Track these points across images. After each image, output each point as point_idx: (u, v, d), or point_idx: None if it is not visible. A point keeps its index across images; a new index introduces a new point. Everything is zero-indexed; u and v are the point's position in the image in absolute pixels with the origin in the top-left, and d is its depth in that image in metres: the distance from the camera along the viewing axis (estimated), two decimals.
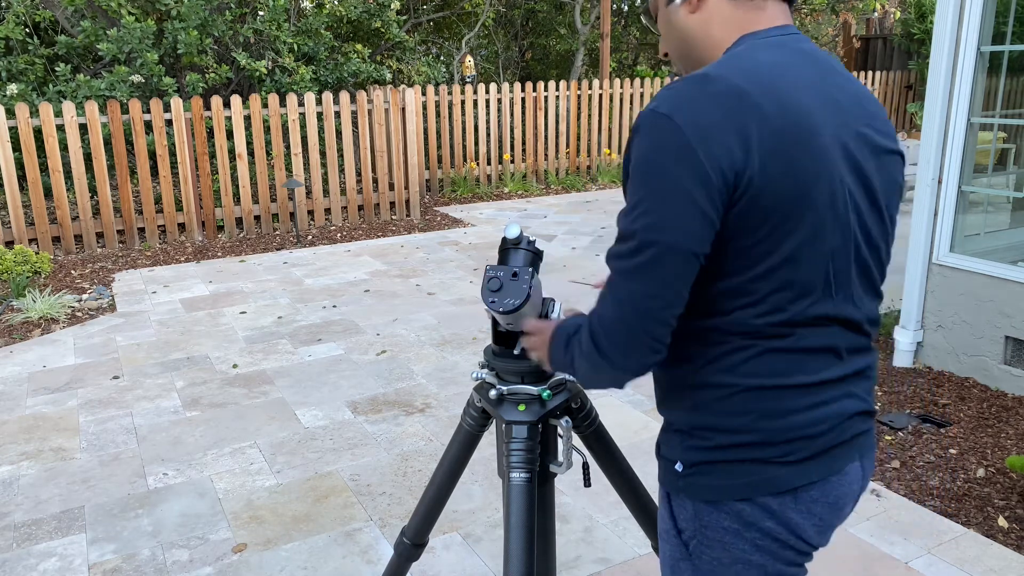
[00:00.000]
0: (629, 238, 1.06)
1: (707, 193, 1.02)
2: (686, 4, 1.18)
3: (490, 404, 1.56)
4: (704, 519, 1.18)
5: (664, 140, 1.03)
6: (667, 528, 1.25)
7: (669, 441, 1.22)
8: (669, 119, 1.03)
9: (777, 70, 1.08)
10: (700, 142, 1.01)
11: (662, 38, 1.26)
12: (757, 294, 1.09)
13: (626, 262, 1.07)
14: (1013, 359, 3.66)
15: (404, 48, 10.13)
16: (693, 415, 1.17)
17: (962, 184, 3.75)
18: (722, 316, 1.11)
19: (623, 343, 1.09)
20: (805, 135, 1.05)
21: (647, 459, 3.14)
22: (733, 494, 1.15)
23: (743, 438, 1.14)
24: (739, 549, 1.17)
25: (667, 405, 1.23)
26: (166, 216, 6.94)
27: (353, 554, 2.58)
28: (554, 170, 9.66)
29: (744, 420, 1.13)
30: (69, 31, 8.38)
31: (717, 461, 1.16)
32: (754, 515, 1.15)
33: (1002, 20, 3.59)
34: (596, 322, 1.12)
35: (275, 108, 7.04)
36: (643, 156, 1.05)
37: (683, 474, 1.19)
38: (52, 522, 2.78)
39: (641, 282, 1.06)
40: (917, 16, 12.01)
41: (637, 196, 1.06)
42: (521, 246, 1.47)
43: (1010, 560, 2.47)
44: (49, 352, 4.42)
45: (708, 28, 1.17)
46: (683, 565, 1.23)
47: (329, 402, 3.73)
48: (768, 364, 1.12)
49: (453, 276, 5.83)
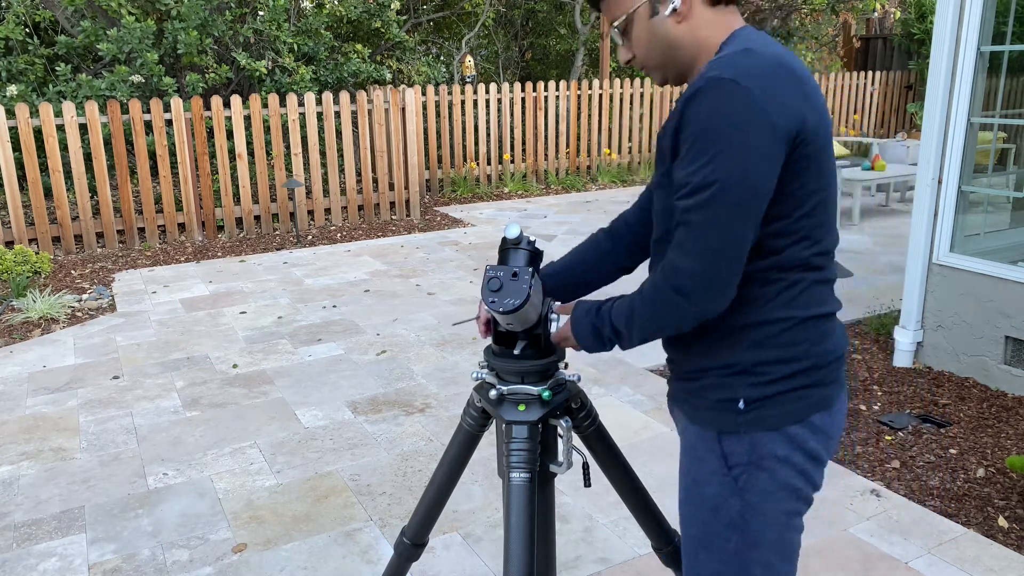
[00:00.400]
0: (707, 186, 1.18)
1: (774, 142, 1.18)
2: (673, 15, 1.30)
3: (490, 404, 1.56)
4: (760, 450, 1.31)
5: (734, 99, 1.17)
6: (713, 469, 1.34)
7: (725, 384, 1.33)
8: (736, 83, 1.17)
9: (784, 50, 1.29)
10: (766, 99, 1.18)
11: (635, 47, 1.36)
12: (803, 231, 1.27)
13: (707, 210, 1.19)
14: (1013, 359, 3.66)
15: (404, 48, 10.13)
16: (756, 352, 1.31)
17: (962, 184, 3.75)
18: (776, 255, 1.27)
19: (713, 285, 1.21)
20: (820, 95, 1.27)
21: (647, 459, 3.14)
22: (791, 418, 1.31)
23: (799, 365, 1.31)
24: (784, 475, 1.32)
25: (720, 351, 1.33)
26: (166, 216, 6.94)
27: (353, 554, 2.58)
28: (554, 170, 9.66)
29: (801, 348, 1.31)
30: (69, 31, 8.38)
31: (778, 393, 1.31)
32: (802, 436, 1.32)
33: (1002, 20, 3.59)
34: (681, 271, 1.22)
35: (275, 108, 7.04)
36: (713, 114, 1.18)
37: (745, 410, 1.31)
38: (52, 522, 2.78)
39: (724, 225, 1.19)
40: (917, 16, 12.01)
41: (711, 151, 1.17)
42: (521, 246, 1.47)
43: (1010, 560, 2.47)
44: (49, 352, 4.42)
45: (696, 34, 1.31)
46: (732, 501, 1.33)
47: (329, 402, 3.73)
48: (814, 295, 1.31)
49: (453, 276, 5.83)
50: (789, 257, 1.27)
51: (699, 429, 1.37)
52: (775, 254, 1.27)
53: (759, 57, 1.21)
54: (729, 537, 1.35)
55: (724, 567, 1.36)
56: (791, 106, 1.20)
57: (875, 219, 7.71)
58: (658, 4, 1.30)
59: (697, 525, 1.38)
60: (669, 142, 1.26)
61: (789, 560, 1.37)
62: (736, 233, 1.19)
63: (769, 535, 1.34)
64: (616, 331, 1.36)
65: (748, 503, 1.33)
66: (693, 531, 1.39)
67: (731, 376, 1.32)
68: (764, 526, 1.33)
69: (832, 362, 1.34)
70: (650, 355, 4.23)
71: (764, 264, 1.28)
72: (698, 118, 1.19)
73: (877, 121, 12.13)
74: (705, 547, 1.37)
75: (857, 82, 11.68)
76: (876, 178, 7.39)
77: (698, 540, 1.38)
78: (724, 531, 1.35)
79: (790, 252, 1.27)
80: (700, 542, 1.38)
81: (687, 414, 1.40)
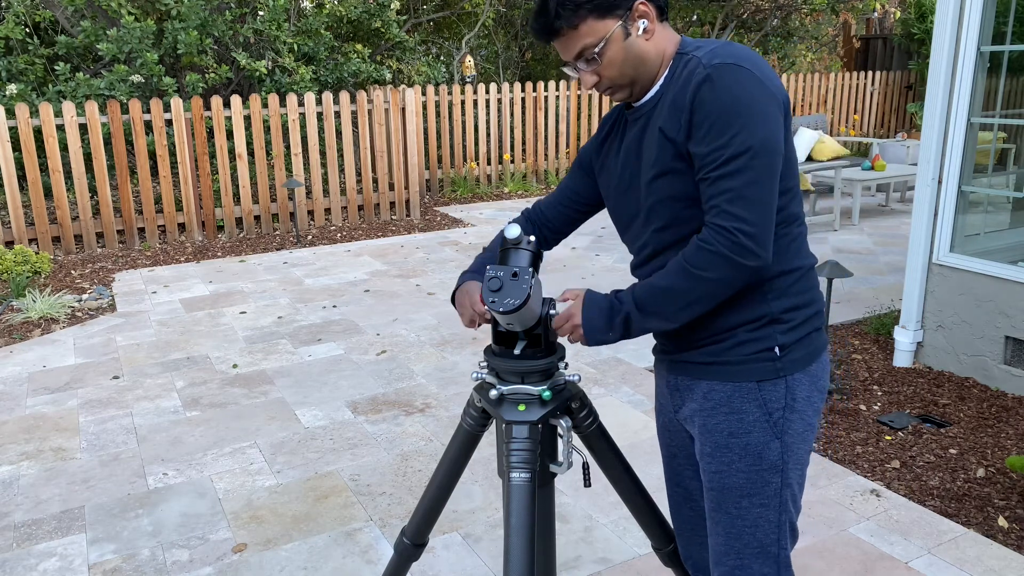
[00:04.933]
0: (743, 153, 1.32)
1: (778, 111, 1.37)
2: (644, 34, 1.45)
3: (490, 404, 1.56)
4: (794, 392, 1.47)
5: (745, 77, 1.34)
6: (755, 419, 1.47)
7: (758, 336, 1.46)
8: (739, 66, 1.35)
9: None
10: (765, 78, 1.37)
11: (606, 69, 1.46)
12: (792, 190, 1.45)
13: (749, 172, 1.33)
14: (1013, 359, 3.66)
15: (404, 48, 10.13)
16: (782, 301, 1.46)
17: (962, 184, 3.75)
18: (781, 211, 1.44)
19: (767, 235, 1.34)
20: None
21: (647, 459, 3.14)
22: (813, 358, 1.49)
23: (812, 310, 1.49)
24: (809, 414, 1.49)
25: (746, 305, 1.46)
26: (166, 216, 6.94)
27: (353, 554, 2.58)
28: (554, 170, 9.66)
29: (811, 294, 1.50)
30: (69, 31, 8.38)
31: (802, 336, 1.48)
32: (817, 372, 1.50)
33: (1002, 20, 3.59)
34: (738, 230, 1.33)
35: (275, 108, 7.03)
36: (733, 92, 1.33)
37: (781, 356, 1.46)
38: (52, 522, 2.78)
39: (763, 182, 1.33)
40: (917, 16, 12.01)
41: (737, 123, 1.33)
42: (521, 246, 1.47)
43: (1010, 560, 2.47)
44: (49, 352, 4.42)
45: (659, 47, 1.46)
46: (773, 445, 1.47)
47: (329, 402, 3.73)
48: (805, 246, 1.50)
49: (453, 276, 5.82)
50: (788, 213, 1.45)
51: (733, 385, 1.47)
52: (781, 210, 1.44)
53: (735, 47, 1.40)
54: (770, 480, 1.48)
55: (766, 509, 1.50)
56: (778, 83, 1.41)
57: (875, 219, 7.71)
58: (629, 26, 1.43)
59: (738, 474, 1.49)
60: (679, 126, 1.38)
61: (802, 492, 1.57)
62: (773, 189, 1.34)
63: (798, 472, 1.51)
64: (634, 312, 1.43)
65: (787, 444, 1.47)
66: (733, 481, 1.49)
67: (764, 327, 1.46)
68: (796, 464, 1.50)
69: (822, 308, 1.54)
70: (650, 355, 4.23)
71: (776, 219, 1.42)
72: (716, 99, 1.33)
73: (877, 121, 12.13)
74: (748, 494, 1.50)
75: (857, 82, 11.68)
76: (876, 178, 7.39)
77: (739, 488, 1.50)
78: (766, 474, 1.48)
79: (788, 208, 1.45)
80: (742, 490, 1.49)
81: (716, 375, 1.49)
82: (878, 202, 8.57)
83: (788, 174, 1.44)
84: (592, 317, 1.46)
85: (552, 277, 5.76)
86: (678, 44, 1.48)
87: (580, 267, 6.04)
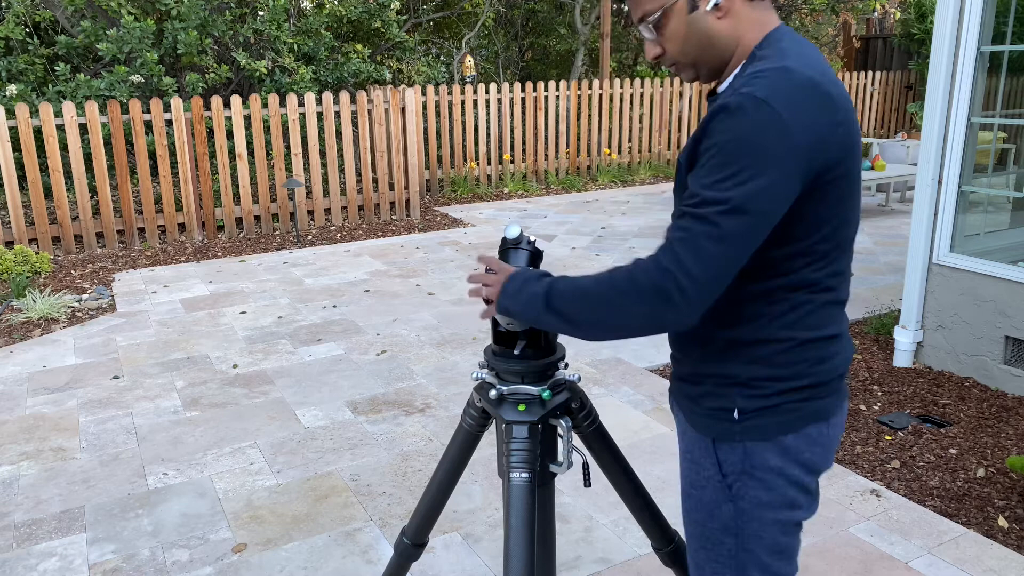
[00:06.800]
0: (719, 203, 1.15)
1: (795, 170, 1.16)
2: (714, 10, 1.26)
3: (490, 404, 1.56)
4: (753, 459, 1.32)
5: (763, 120, 1.15)
6: (709, 475, 1.36)
7: (721, 394, 1.33)
8: (767, 103, 1.15)
9: (820, 61, 1.25)
10: (796, 127, 1.16)
11: (668, 43, 1.31)
12: (818, 253, 1.25)
13: (720, 225, 1.16)
14: (1013, 359, 3.66)
15: (404, 48, 10.13)
16: (753, 368, 1.30)
17: (962, 184, 3.75)
18: (787, 276, 1.26)
19: (702, 295, 1.18)
20: (852, 116, 1.24)
21: (647, 459, 3.14)
22: (785, 429, 1.31)
23: (798, 383, 1.30)
24: (778, 485, 1.33)
25: (717, 361, 1.33)
26: (166, 216, 6.94)
27: (353, 554, 2.58)
28: (554, 170, 9.65)
29: (798, 368, 1.30)
30: (69, 31, 8.38)
31: (773, 405, 1.31)
32: (797, 447, 1.31)
33: (1002, 20, 3.59)
34: (674, 274, 1.18)
35: (275, 108, 7.03)
36: (740, 133, 1.16)
37: (740, 420, 1.31)
38: (52, 522, 2.78)
39: (727, 243, 1.16)
40: (917, 16, 12.01)
41: (728, 169, 1.15)
42: (521, 246, 1.47)
43: (1010, 560, 2.47)
44: (49, 352, 4.42)
45: (736, 31, 1.27)
46: (725, 507, 1.35)
47: (329, 402, 3.73)
48: (820, 316, 1.30)
49: (453, 276, 5.83)
50: (799, 278, 1.26)
51: (696, 434, 1.38)
52: (786, 275, 1.26)
53: (795, 77, 1.18)
54: (723, 540, 1.37)
55: (722, 567, 1.39)
56: (820, 135, 1.18)
57: (875, 219, 7.71)
58: None
59: (695, 525, 1.40)
60: (688, 152, 1.24)
61: (787, 560, 1.38)
62: (736, 251, 1.16)
63: (765, 539, 1.35)
64: (542, 297, 1.30)
65: (741, 509, 1.34)
66: (692, 530, 1.42)
67: (727, 386, 1.32)
68: (759, 531, 1.35)
69: (832, 380, 1.33)
70: (650, 355, 4.23)
71: (773, 283, 1.26)
72: (724, 133, 1.17)
73: (877, 121, 12.13)
74: (703, 547, 1.40)
75: (857, 82, 11.68)
76: (876, 178, 7.39)
77: (697, 540, 1.41)
78: (719, 534, 1.37)
79: (802, 273, 1.26)
80: (699, 541, 1.41)
81: (686, 417, 1.41)
82: (878, 202, 8.57)
83: (810, 234, 1.23)
84: (513, 281, 1.36)
85: None
86: (765, 35, 1.27)
87: (580, 267, 6.04)
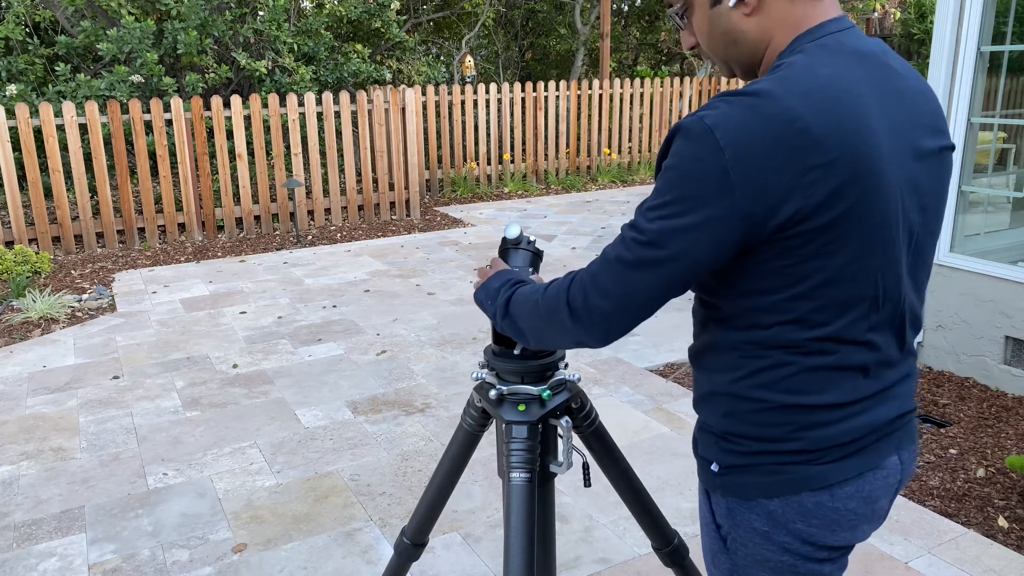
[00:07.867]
0: (642, 233, 1.05)
1: (731, 217, 1.00)
2: (739, 7, 1.11)
3: (490, 404, 1.56)
4: (737, 518, 1.19)
5: (701, 154, 0.99)
6: (707, 521, 1.26)
7: (705, 441, 1.22)
8: (711, 134, 0.99)
9: (836, 88, 1.03)
10: (736, 165, 0.98)
11: (698, 35, 1.20)
12: (796, 312, 1.07)
13: (632, 255, 1.05)
14: (1013, 359, 3.66)
15: (404, 48, 10.14)
16: (728, 421, 1.17)
17: (962, 184, 3.75)
18: (760, 330, 1.10)
19: (606, 324, 1.09)
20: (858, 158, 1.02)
21: (647, 459, 3.14)
22: (768, 492, 1.15)
23: (780, 446, 1.13)
24: (769, 551, 1.18)
25: (703, 406, 1.22)
26: (166, 216, 6.94)
27: (353, 554, 2.58)
28: (554, 170, 9.66)
29: (781, 431, 1.13)
30: (69, 31, 8.38)
31: (752, 464, 1.15)
32: (786, 515, 1.15)
33: (1002, 20, 3.59)
34: (582, 295, 1.11)
35: (275, 108, 7.03)
36: (678, 162, 1.02)
37: (719, 473, 1.19)
38: (52, 522, 2.78)
39: (641, 277, 1.05)
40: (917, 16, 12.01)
41: (661, 198, 1.03)
42: (521, 246, 1.47)
43: (1010, 560, 2.47)
44: (49, 352, 4.42)
45: (766, 30, 1.12)
46: (722, 557, 1.25)
47: (329, 402, 3.73)
48: (807, 382, 1.10)
49: (453, 276, 5.83)
50: (775, 336, 1.09)
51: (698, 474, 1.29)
52: (760, 328, 1.10)
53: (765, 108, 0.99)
54: None
55: None
56: (778, 181, 0.98)
57: None
58: None
59: (707, 564, 1.34)
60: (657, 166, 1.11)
61: None
62: (650, 288, 1.06)
63: None
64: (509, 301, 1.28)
65: (737, 564, 1.23)
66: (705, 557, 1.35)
67: (708, 434, 1.21)
68: None
69: (834, 447, 1.13)
70: (650, 355, 4.23)
71: (746, 336, 1.11)
72: (671, 158, 1.04)
73: None
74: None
75: None
76: None
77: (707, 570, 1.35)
78: None
79: (777, 331, 1.09)
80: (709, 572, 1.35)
81: None
82: None
83: (777, 290, 1.06)
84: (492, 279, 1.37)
85: (552, 277, 5.76)
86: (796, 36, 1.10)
87: (580, 267, 6.03)
